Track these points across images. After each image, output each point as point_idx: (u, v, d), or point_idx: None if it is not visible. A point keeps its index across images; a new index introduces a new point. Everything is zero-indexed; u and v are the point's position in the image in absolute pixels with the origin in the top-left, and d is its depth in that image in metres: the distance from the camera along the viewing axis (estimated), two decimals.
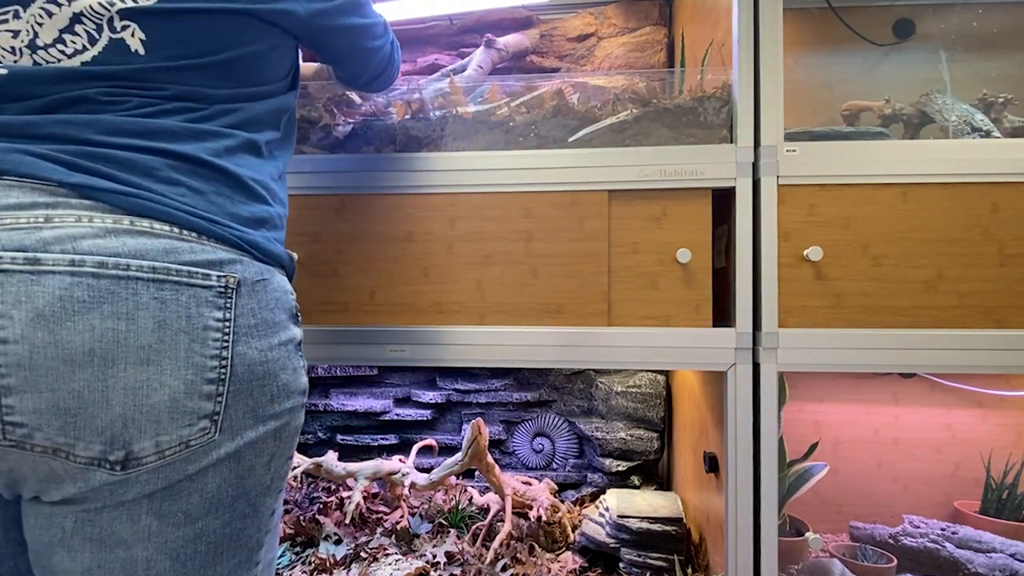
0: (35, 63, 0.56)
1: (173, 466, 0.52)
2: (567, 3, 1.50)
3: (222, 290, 0.55)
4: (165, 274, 0.52)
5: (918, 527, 1.18)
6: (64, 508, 0.52)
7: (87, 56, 0.57)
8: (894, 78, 1.27)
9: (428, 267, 0.97)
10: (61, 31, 0.57)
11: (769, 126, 0.91)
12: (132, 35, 0.57)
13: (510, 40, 1.39)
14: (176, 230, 0.54)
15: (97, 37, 0.57)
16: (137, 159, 0.55)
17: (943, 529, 1.17)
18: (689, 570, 1.07)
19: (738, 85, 0.92)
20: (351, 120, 1.02)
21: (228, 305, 0.55)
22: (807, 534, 1.03)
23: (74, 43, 0.57)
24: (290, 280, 0.67)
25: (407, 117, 1.01)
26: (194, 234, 0.55)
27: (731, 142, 0.94)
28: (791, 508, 1.17)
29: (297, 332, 0.63)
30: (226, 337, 0.54)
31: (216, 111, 0.61)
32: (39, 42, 0.56)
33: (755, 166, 0.92)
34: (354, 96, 1.04)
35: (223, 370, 0.54)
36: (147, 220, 0.53)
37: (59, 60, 0.57)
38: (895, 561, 1.10)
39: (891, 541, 1.16)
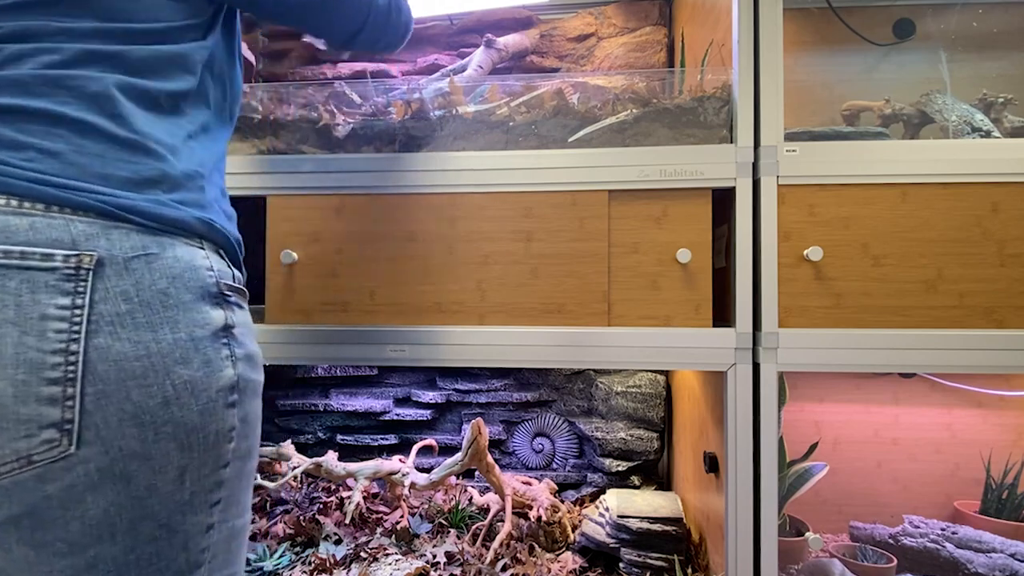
0: None
1: (22, 486, 0.44)
2: (567, 3, 1.50)
3: (71, 272, 0.46)
4: None
5: (918, 527, 1.18)
6: None
7: None
8: (894, 78, 1.27)
9: (428, 267, 0.97)
10: None
11: (769, 126, 0.91)
12: None
13: (510, 40, 1.39)
14: (14, 203, 0.46)
15: None
16: None
17: (943, 529, 1.17)
18: (689, 570, 1.07)
19: (738, 85, 0.92)
20: (351, 120, 1.02)
21: (80, 289, 0.46)
22: (807, 534, 1.03)
23: None
24: (229, 254, 0.57)
25: (407, 117, 1.01)
26: (40, 206, 0.46)
27: (731, 142, 0.94)
28: (791, 508, 1.17)
29: (216, 316, 0.52)
30: (75, 328, 0.45)
31: (79, 53, 0.50)
32: None
33: (755, 166, 0.92)
34: (354, 96, 1.04)
35: (71, 368, 0.45)
36: None
37: None
38: (895, 561, 1.10)
39: (891, 541, 1.16)
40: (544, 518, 1.20)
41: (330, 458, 1.26)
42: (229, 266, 0.57)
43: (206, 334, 0.51)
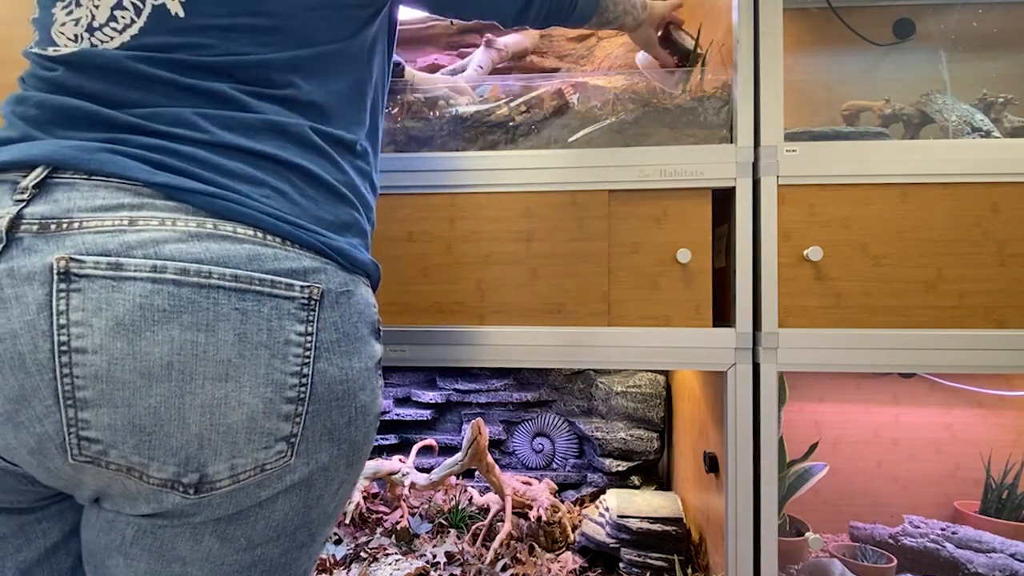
0: (92, 45, 0.54)
1: (246, 491, 0.49)
2: None
3: (305, 302, 0.50)
4: (248, 283, 0.48)
5: (918, 527, 1.18)
6: (128, 517, 0.50)
7: (135, 29, 0.53)
8: (894, 78, 1.27)
9: (428, 267, 0.97)
10: (112, 8, 0.54)
11: (769, 126, 0.91)
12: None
13: (510, 40, 1.39)
14: (260, 235, 0.50)
15: (142, 7, 0.53)
16: (219, 158, 0.51)
17: (943, 529, 1.17)
18: (689, 570, 1.07)
19: (738, 85, 0.92)
20: None
21: (311, 318, 0.50)
22: (807, 534, 1.03)
23: (123, 18, 0.53)
24: (374, 291, 0.62)
25: (407, 117, 1.01)
26: (278, 239, 0.51)
27: (731, 142, 0.94)
28: (791, 508, 1.17)
29: (379, 349, 0.58)
30: (307, 353, 0.50)
31: (285, 92, 0.56)
32: (95, 23, 0.54)
33: (755, 166, 0.92)
34: None
35: (303, 388, 0.50)
36: (231, 223, 0.49)
37: (112, 38, 0.53)
38: (895, 561, 1.10)
39: (891, 541, 1.16)
40: (544, 518, 1.20)
41: None
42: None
43: (372, 365, 0.57)
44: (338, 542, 1.22)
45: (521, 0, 0.76)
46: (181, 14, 0.54)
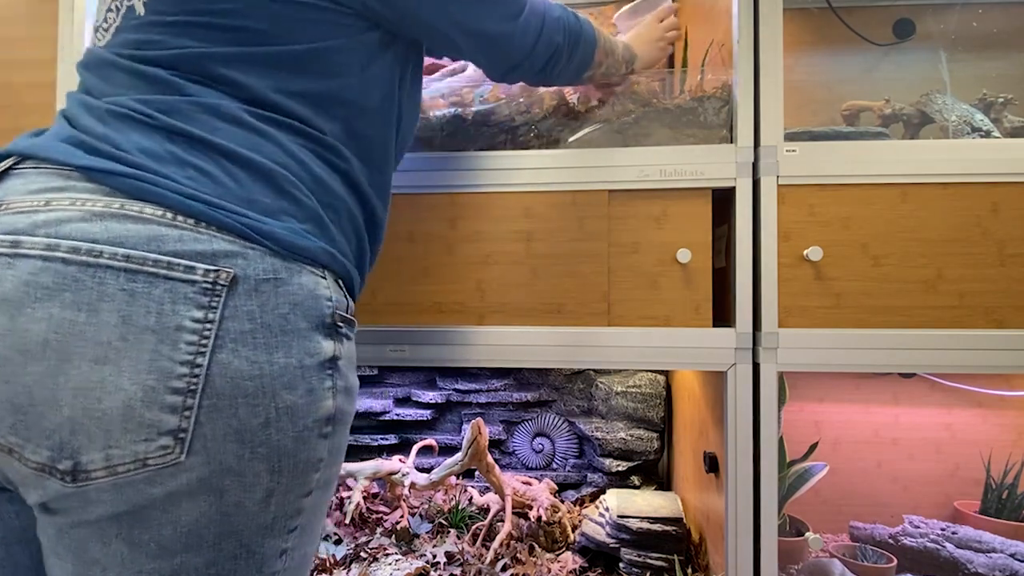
0: (94, 45, 0.59)
1: (133, 486, 0.46)
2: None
3: (208, 286, 0.47)
4: (140, 263, 0.46)
5: (918, 527, 1.18)
6: (45, 516, 0.48)
7: (114, 28, 0.56)
8: (894, 78, 1.27)
9: (428, 267, 0.97)
10: (107, 11, 0.58)
11: (769, 126, 0.91)
12: None
13: None
14: (169, 215, 0.48)
15: (120, 7, 0.56)
16: (151, 142, 0.52)
17: (943, 529, 1.17)
18: (689, 570, 1.07)
19: (738, 85, 0.92)
20: None
21: (213, 304, 0.47)
22: (807, 534, 1.03)
23: (111, 18, 0.57)
24: (348, 287, 0.59)
25: None
26: (191, 220, 0.49)
27: (731, 142, 0.94)
28: (791, 508, 1.17)
29: (327, 346, 0.53)
30: (204, 341, 0.47)
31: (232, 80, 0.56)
32: (104, 25, 0.59)
33: (755, 166, 0.92)
34: None
35: (194, 380, 0.46)
36: (139, 203, 0.48)
37: (103, 40, 0.58)
38: (895, 561, 1.10)
39: (891, 541, 1.16)
40: (544, 518, 1.20)
41: None
42: (345, 296, 0.59)
43: (314, 363, 0.52)
44: (338, 542, 1.22)
45: (513, 55, 0.74)
46: (142, 12, 0.57)
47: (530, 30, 0.74)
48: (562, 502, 1.31)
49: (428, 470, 1.26)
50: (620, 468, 1.40)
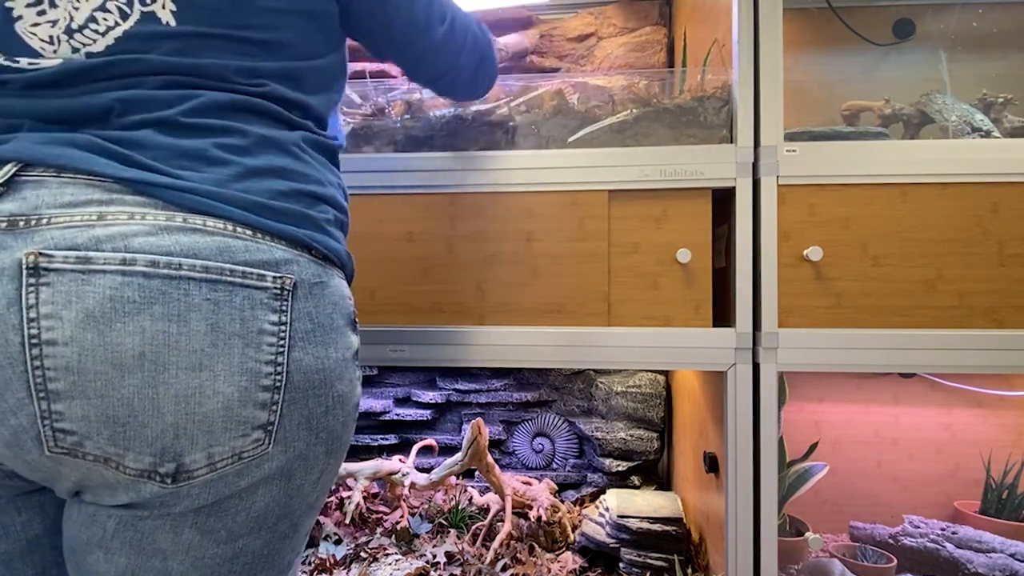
0: (72, 49, 0.54)
1: (224, 480, 0.50)
2: (567, 3, 1.50)
3: (278, 292, 0.51)
4: (219, 274, 0.49)
5: (918, 527, 1.18)
6: (109, 510, 0.50)
7: (119, 32, 0.54)
8: (894, 78, 1.27)
9: (428, 267, 0.97)
10: (94, 11, 0.54)
11: (769, 126, 0.91)
12: (163, 7, 0.54)
13: (510, 40, 1.39)
14: (230, 227, 0.51)
15: (128, 12, 0.54)
16: (189, 148, 0.53)
17: (943, 529, 1.17)
18: (689, 570, 1.07)
19: (738, 85, 0.92)
20: (351, 120, 1.02)
21: (284, 308, 0.51)
22: (807, 534, 1.03)
23: (106, 20, 0.55)
24: (349, 284, 0.63)
25: (406, 117, 1.01)
26: (249, 231, 0.52)
27: (731, 142, 0.94)
28: (791, 508, 1.17)
29: (355, 340, 0.59)
30: (282, 342, 0.51)
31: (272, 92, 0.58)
32: (73, 25, 0.54)
33: (755, 166, 0.92)
34: (354, 96, 1.04)
35: (278, 377, 0.51)
36: (200, 217, 0.50)
37: (94, 41, 0.54)
38: (895, 561, 1.10)
39: (891, 541, 1.16)
40: (544, 518, 1.20)
41: None
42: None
43: (349, 356, 0.58)
44: (338, 542, 1.22)
45: (437, 65, 0.77)
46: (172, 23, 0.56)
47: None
48: (562, 502, 1.31)
49: (428, 470, 1.26)
50: (620, 468, 1.40)
